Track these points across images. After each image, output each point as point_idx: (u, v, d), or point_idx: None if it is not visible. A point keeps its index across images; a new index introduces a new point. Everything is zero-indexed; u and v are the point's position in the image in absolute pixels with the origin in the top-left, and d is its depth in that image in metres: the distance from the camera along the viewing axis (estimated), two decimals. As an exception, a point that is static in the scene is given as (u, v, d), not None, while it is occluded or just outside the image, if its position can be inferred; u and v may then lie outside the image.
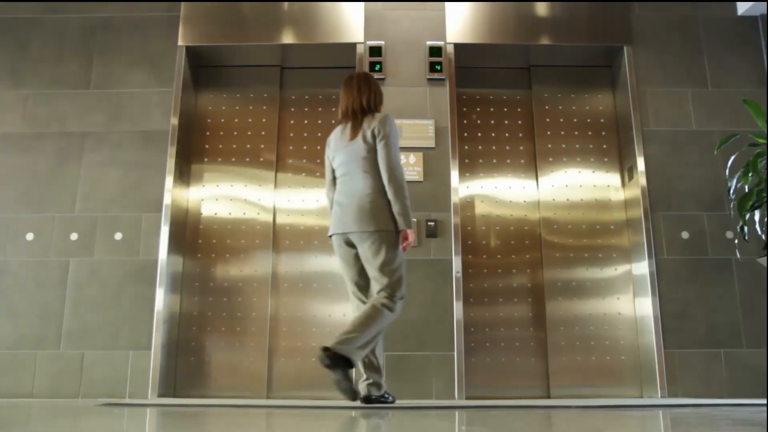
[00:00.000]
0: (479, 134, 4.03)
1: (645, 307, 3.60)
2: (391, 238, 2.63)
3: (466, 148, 3.98)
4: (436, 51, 3.84)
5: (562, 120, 4.04)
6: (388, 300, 2.59)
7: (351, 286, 2.77)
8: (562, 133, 4.03)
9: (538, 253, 3.85)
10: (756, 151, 3.27)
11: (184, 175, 3.88)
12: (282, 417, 1.98)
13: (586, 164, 3.99)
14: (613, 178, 3.97)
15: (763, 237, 3.40)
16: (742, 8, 3.92)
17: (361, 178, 2.66)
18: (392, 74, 3.84)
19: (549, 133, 4.02)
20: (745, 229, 3.26)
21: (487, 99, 4.09)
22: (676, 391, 3.43)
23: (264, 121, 4.02)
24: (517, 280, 3.81)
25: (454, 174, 3.69)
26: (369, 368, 2.70)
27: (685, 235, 3.65)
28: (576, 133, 4.03)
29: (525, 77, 4.14)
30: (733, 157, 3.50)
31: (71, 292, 3.54)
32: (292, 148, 4.00)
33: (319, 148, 3.99)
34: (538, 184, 3.96)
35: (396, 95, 3.81)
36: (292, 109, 4.07)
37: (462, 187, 3.90)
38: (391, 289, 2.61)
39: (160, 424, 1.68)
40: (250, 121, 4.03)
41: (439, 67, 3.83)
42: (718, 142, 3.40)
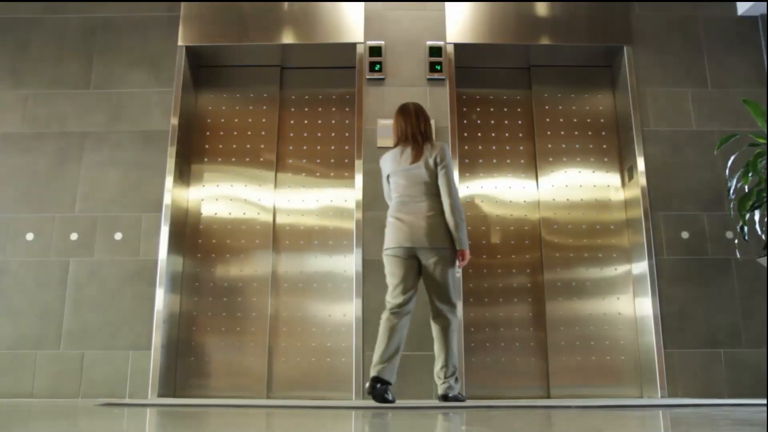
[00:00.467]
0: (479, 134, 4.03)
1: (645, 307, 3.60)
2: (452, 256, 2.94)
3: (466, 148, 3.98)
4: (436, 51, 3.84)
5: (562, 120, 4.05)
6: (452, 322, 2.92)
7: (394, 290, 2.95)
8: (562, 133, 4.03)
9: (538, 253, 3.85)
10: (756, 151, 3.27)
11: (184, 175, 3.88)
12: (282, 417, 1.98)
13: (586, 164, 3.99)
14: (613, 178, 3.97)
15: (763, 237, 3.40)
16: (742, 8, 3.92)
17: (424, 200, 2.95)
18: (392, 74, 3.84)
19: (549, 133, 4.02)
20: (745, 229, 3.26)
21: (487, 99, 4.09)
22: (676, 391, 3.44)
23: (264, 121, 4.02)
24: (517, 280, 3.81)
25: (455, 174, 3.68)
26: (393, 369, 2.86)
27: (685, 235, 3.65)
28: (576, 133, 4.03)
29: (525, 77, 4.14)
30: (733, 157, 3.50)
31: (71, 292, 3.54)
32: (292, 148, 4.00)
33: (319, 148, 3.99)
34: (538, 184, 3.96)
35: (396, 95, 3.81)
36: (292, 109, 4.07)
37: (462, 187, 3.90)
38: (449, 304, 2.93)
39: (160, 424, 1.68)
40: (250, 121, 4.03)
41: (439, 67, 3.83)
42: (718, 142, 3.40)
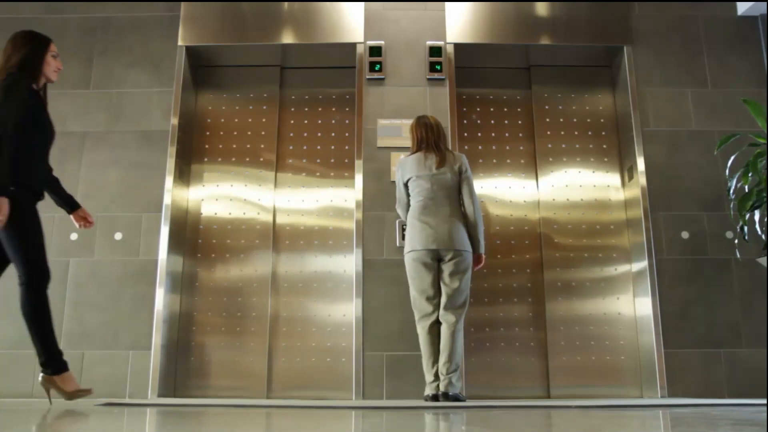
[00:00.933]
0: (479, 134, 4.03)
1: (645, 307, 3.60)
2: (471, 259, 3.05)
3: (466, 148, 3.98)
4: (436, 51, 3.84)
5: (562, 120, 4.04)
6: (459, 321, 2.98)
7: (421, 296, 3.02)
8: (562, 133, 4.03)
9: (538, 253, 3.85)
10: (756, 151, 3.27)
11: (184, 175, 3.88)
12: (282, 417, 1.98)
13: (586, 164, 3.99)
14: (613, 178, 3.97)
15: (763, 237, 3.39)
16: (742, 8, 3.92)
17: (446, 204, 3.05)
18: (392, 74, 3.84)
19: (549, 133, 4.02)
20: (745, 229, 3.26)
21: (487, 99, 4.09)
22: (676, 391, 3.43)
23: (264, 121, 4.02)
24: (517, 280, 3.81)
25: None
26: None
27: (685, 235, 3.65)
28: (576, 133, 4.03)
29: (525, 77, 4.14)
30: (733, 157, 3.50)
31: (71, 292, 3.54)
32: (292, 148, 4.00)
33: (319, 148, 3.99)
34: (538, 184, 3.96)
35: (396, 95, 3.81)
36: (292, 109, 4.07)
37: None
38: (463, 306, 3.01)
39: (160, 424, 1.68)
40: (250, 121, 4.03)
41: (439, 67, 3.83)
42: (718, 142, 3.40)
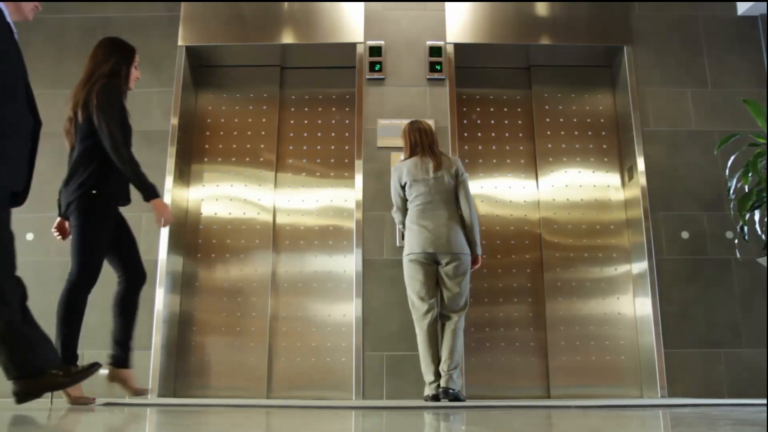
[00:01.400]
0: (479, 134, 4.03)
1: (645, 307, 3.60)
2: (469, 261, 3.07)
3: (466, 148, 3.98)
4: (436, 51, 3.84)
5: (562, 120, 4.04)
6: (460, 320, 3.02)
7: (418, 297, 3.04)
8: (562, 133, 4.03)
9: (538, 253, 3.85)
10: (756, 151, 3.27)
11: (184, 175, 3.88)
12: (282, 417, 1.98)
13: (586, 164, 3.99)
14: (613, 178, 3.96)
15: (763, 237, 3.39)
16: (742, 8, 3.92)
17: (444, 207, 3.07)
18: (392, 74, 3.84)
19: (549, 133, 4.02)
20: (745, 229, 3.26)
21: (487, 99, 4.09)
22: (676, 391, 3.43)
23: (264, 121, 4.02)
24: (517, 280, 3.81)
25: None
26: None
27: (685, 235, 3.65)
28: (576, 133, 4.03)
29: (525, 77, 4.14)
30: (733, 157, 3.50)
31: (71, 292, 3.53)
32: (292, 148, 4.00)
33: (319, 148, 3.99)
34: (538, 184, 3.96)
35: (396, 95, 3.81)
36: (292, 109, 4.07)
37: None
38: (463, 307, 3.04)
39: (160, 424, 1.68)
40: (250, 121, 4.03)
41: (439, 67, 3.83)
42: (718, 142, 3.40)
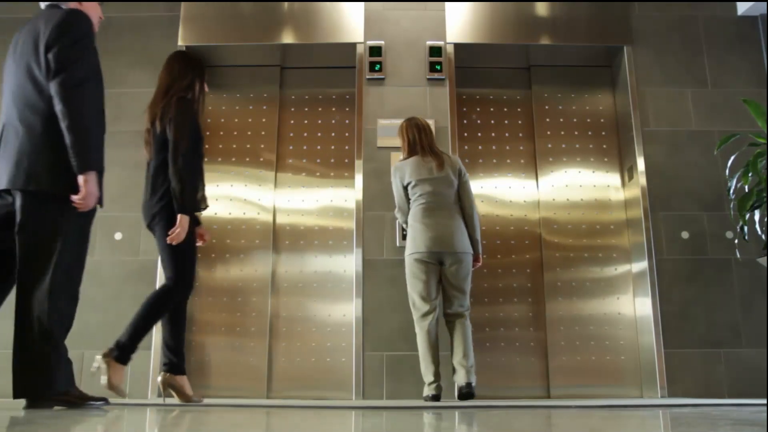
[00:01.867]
0: (479, 134, 4.03)
1: (645, 307, 3.60)
2: (471, 260, 3.09)
3: (466, 148, 3.98)
4: (436, 51, 3.84)
5: (562, 120, 4.04)
6: (467, 317, 3.05)
7: (420, 297, 3.02)
8: (562, 133, 4.03)
9: (538, 253, 3.85)
10: (756, 151, 3.27)
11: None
12: (282, 417, 1.98)
13: (586, 164, 3.99)
14: (613, 178, 3.97)
15: (763, 237, 3.39)
16: (742, 8, 3.92)
17: (447, 207, 3.08)
18: (392, 74, 3.84)
19: (549, 133, 4.02)
20: (745, 229, 3.26)
21: (487, 99, 4.09)
22: (676, 391, 3.43)
23: (264, 121, 4.02)
24: (517, 280, 3.81)
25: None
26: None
27: (685, 235, 3.65)
28: (576, 133, 4.03)
29: (525, 77, 4.14)
30: (733, 157, 3.50)
31: (71, 292, 3.53)
32: (292, 148, 4.00)
33: (319, 148, 3.99)
34: (538, 184, 3.96)
35: (396, 95, 3.81)
36: (292, 109, 4.07)
37: (462, 187, 3.90)
38: (467, 305, 3.06)
39: (160, 424, 1.68)
40: (250, 121, 4.03)
41: (439, 67, 3.83)
42: (718, 142, 3.40)
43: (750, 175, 3.22)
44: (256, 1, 3.92)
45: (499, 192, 3.95)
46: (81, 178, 2.04)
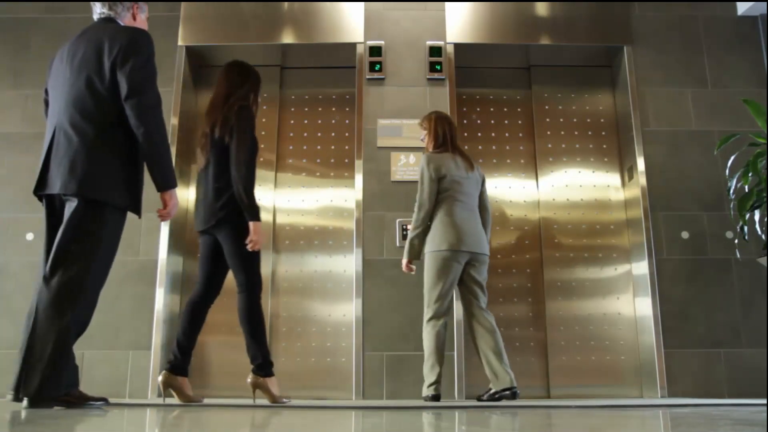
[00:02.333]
0: (479, 134, 4.03)
1: (645, 307, 3.60)
2: None
3: (466, 148, 3.96)
4: (436, 51, 3.84)
5: (562, 120, 4.05)
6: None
7: (440, 295, 2.97)
8: (562, 133, 4.03)
9: (538, 253, 3.85)
10: (756, 151, 3.27)
11: (184, 175, 3.88)
12: (282, 416, 1.98)
13: (586, 164, 3.99)
14: (613, 178, 3.97)
15: (763, 237, 3.39)
16: (742, 8, 3.92)
17: (474, 209, 3.09)
18: (392, 74, 3.84)
19: (549, 133, 4.02)
20: (745, 229, 3.26)
21: (487, 99, 4.09)
22: (676, 391, 3.43)
23: (264, 121, 4.02)
24: (517, 280, 3.81)
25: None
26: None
27: (685, 235, 3.65)
28: (576, 133, 4.03)
29: (525, 77, 4.14)
30: (733, 157, 3.50)
31: (71, 292, 3.53)
32: (292, 148, 4.00)
33: (319, 148, 3.99)
34: (538, 184, 3.96)
35: (396, 95, 3.81)
36: (292, 109, 4.07)
37: (462, 187, 3.90)
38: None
39: (160, 424, 1.68)
40: (250, 121, 4.02)
41: (439, 67, 3.83)
42: (718, 142, 3.40)
43: (750, 175, 3.22)
44: (256, 1, 3.92)
45: (499, 192, 3.95)
46: (166, 195, 2.23)
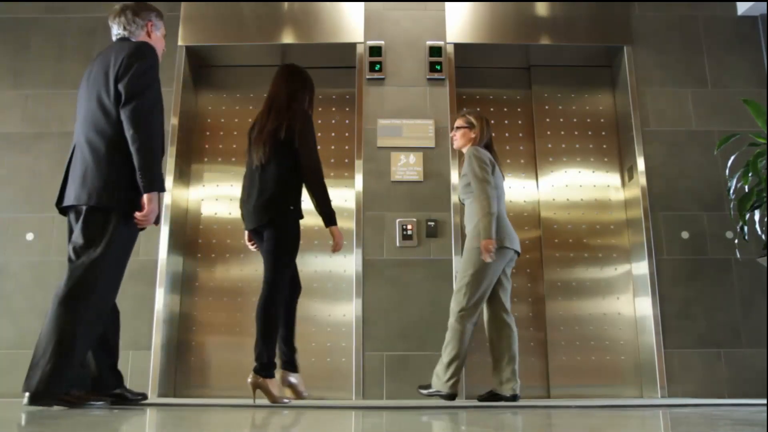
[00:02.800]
0: (479, 134, 4.02)
1: (645, 307, 3.60)
2: None
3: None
4: (436, 51, 3.84)
5: (562, 120, 4.04)
6: None
7: (483, 297, 2.94)
8: (562, 133, 4.03)
9: (538, 253, 3.85)
10: (756, 151, 3.27)
11: (184, 175, 3.88)
12: (282, 417, 1.98)
13: (586, 164, 3.99)
14: (613, 178, 3.97)
15: (763, 237, 3.39)
16: (742, 8, 3.92)
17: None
18: (392, 74, 3.84)
19: (549, 133, 4.02)
20: (745, 229, 3.25)
21: (487, 99, 4.09)
22: (676, 391, 3.43)
23: (264, 121, 4.01)
24: (517, 280, 3.81)
25: (454, 174, 3.69)
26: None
27: (685, 235, 3.65)
28: (576, 133, 4.03)
29: (525, 77, 4.14)
30: (733, 157, 3.50)
31: (71, 292, 3.53)
32: (292, 148, 3.99)
33: (320, 147, 3.97)
34: (538, 184, 3.96)
35: (396, 95, 3.81)
36: (292, 109, 4.05)
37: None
38: None
39: (160, 424, 1.69)
40: (250, 121, 4.00)
41: (439, 67, 3.83)
42: (718, 142, 3.40)
43: (750, 175, 3.22)
44: (256, 1, 3.92)
45: (499, 192, 3.94)
46: (145, 197, 2.23)
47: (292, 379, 2.78)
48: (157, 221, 2.40)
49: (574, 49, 3.95)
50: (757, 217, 3.37)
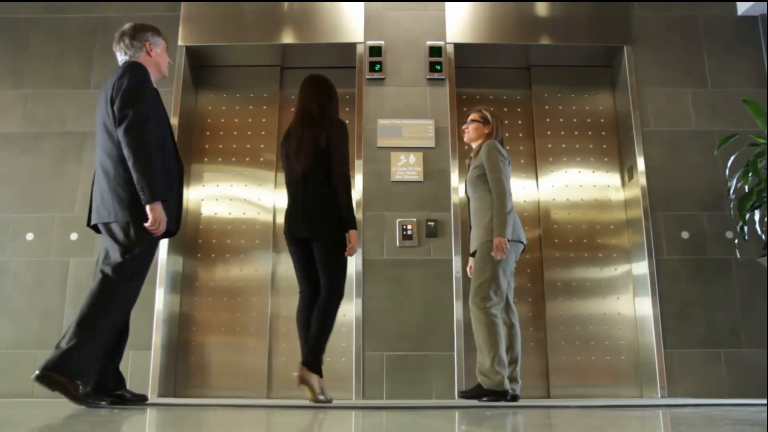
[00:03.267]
0: (479, 134, 4.02)
1: (645, 307, 3.60)
2: None
3: (466, 148, 3.97)
4: (436, 51, 3.84)
5: (562, 120, 4.04)
6: None
7: (505, 287, 2.94)
8: (562, 133, 4.03)
9: (538, 253, 3.85)
10: (756, 151, 3.27)
11: (184, 175, 3.87)
12: (282, 417, 1.98)
13: (586, 164, 3.99)
14: (613, 178, 3.96)
15: (763, 237, 3.39)
16: (742, 8, 3.92)
17: None
18: (392, 74, 3.84)
19: (549, 133, 4.02)
20: (745, 229, 3.26)
21: (487, 99, 4.09)
22: (676, 391, 3.43)
23: (264, 121, 4.02)
24: (517, 280, 3.80)
25: (454, 174, 3.69)
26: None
27: (685, 235, 3.65)
28: (576, 133, 4.03)
29: (525, 77, 4.14)
30: (733, 157, 3.50)
31: (71, 293, 3.54)
32: (292, 148, 3.99)
33: (319, 148, 3.98)
34: (538, 184, 3.96)
35: (396, 95, 3.81)
36: (292, 109, 4.04)
37: (462, 187, 3.89)
38: None
39: (160, 424, 1.68)
40: (250, 121, 4.03)
41: (439, 67, 3.83)
42: (718, 142, 3.40)
43: (750, 175, 3.22)
44: (256, 1, 3.92)
45: (499, 192, 3.94)
46: (147, 208, 2.33)
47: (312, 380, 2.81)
48: (177, 228, 2.56)
49: (574, 49, 3.95)
50: (757, 217, 3.37)
